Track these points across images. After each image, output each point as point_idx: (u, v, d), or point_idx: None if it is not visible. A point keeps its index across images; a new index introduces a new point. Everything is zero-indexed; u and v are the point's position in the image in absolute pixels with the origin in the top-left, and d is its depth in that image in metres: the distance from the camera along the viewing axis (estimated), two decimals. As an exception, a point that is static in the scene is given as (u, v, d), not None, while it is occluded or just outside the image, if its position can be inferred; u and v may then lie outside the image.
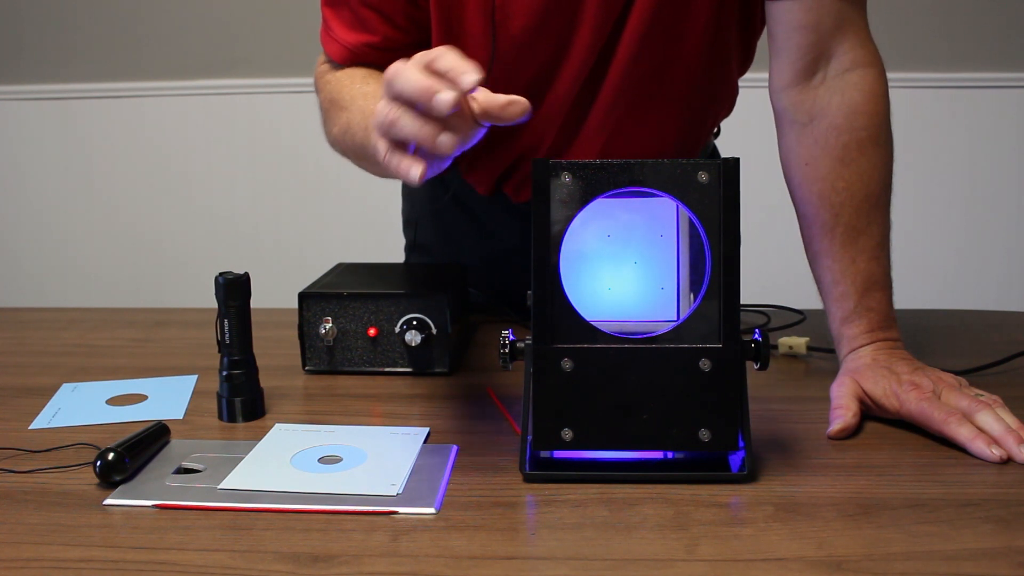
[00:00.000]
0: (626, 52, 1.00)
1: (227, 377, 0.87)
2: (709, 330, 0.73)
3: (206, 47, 2.54)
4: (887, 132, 0.94)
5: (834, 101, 0.93)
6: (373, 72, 1.01)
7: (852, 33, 0.93)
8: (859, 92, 0.93)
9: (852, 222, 0.91)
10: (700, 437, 0.73)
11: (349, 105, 0.95)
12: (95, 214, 2.65)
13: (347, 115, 0.95)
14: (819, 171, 0.93)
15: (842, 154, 0.92)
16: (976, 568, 0.60)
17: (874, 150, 0.92)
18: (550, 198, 0.73)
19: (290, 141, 2.57)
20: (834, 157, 0.92)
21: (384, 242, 1.62)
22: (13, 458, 0.79)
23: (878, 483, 0.72)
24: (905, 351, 0.91)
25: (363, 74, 1.01)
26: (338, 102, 0.98)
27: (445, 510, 0.69)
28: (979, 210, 2.51)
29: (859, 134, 0.92)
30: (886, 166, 0.94)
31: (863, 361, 0.89)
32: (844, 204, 0.91)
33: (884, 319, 0.92)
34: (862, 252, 0.92)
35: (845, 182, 0.91)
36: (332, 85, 1.02)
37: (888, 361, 0.88)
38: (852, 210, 0.91)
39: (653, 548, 0.63)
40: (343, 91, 0.99)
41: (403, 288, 1.01)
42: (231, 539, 0.64)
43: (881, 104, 0.93)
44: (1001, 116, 2.45)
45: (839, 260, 0.92)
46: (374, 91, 0.93)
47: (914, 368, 0.87)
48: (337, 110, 0.98)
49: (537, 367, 0.73)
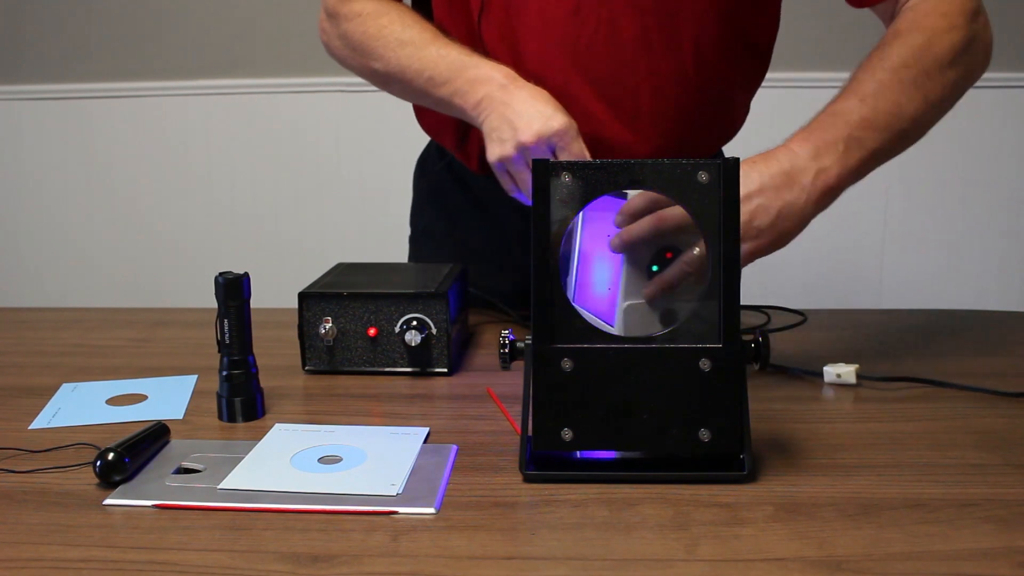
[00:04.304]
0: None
1: (227, 377, 0.87)
2: (709, 330, 0.73)
3: (205, 47, 2.54)
4: (915, 69, 0.96)
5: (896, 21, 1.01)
6: (404, 17, 1.13)
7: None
8: (904, 20, 0.99)
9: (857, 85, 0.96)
10: (700, 437, 0.73)
11: (401, 48, 1.10)
12: (95, 214, 2.65)
13: (405, 56, 1.10)
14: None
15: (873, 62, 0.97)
16: (976, 568, 0.60)
17: (890, 76, 0.95)
18: (550, 198, 0.73)
19: (290, 141, 2.57)
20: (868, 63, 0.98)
21: (384, 242, 1.63)
22: (13, 458, 0.79)
23: (878, 483, 0.72)
24: (773, 163, 0.92)
25: (399, 17, 1.13)
26: (386, 40, 1.12)
27: (445, 510, 0.69)
28: (979, 210, 2.51)
29: (890, 55, 0.96)
30: (910, 101, 0.96)
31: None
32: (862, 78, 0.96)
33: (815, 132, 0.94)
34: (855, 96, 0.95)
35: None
36: (370, 22, 1.14)
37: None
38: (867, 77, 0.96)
39: (653, 548, 0.63)
40: (386, 32, 1.12)
41: (403, 288, 1.01)
42: (231, 539, 0.64)
43: (914, 37, 0.97)
44: (1001, 116, 2.44)
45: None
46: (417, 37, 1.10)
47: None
48: (384, 47, 1.12)
49: (537, 367, 0.73)
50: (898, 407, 0.90)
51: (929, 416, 0.87)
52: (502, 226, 1.27)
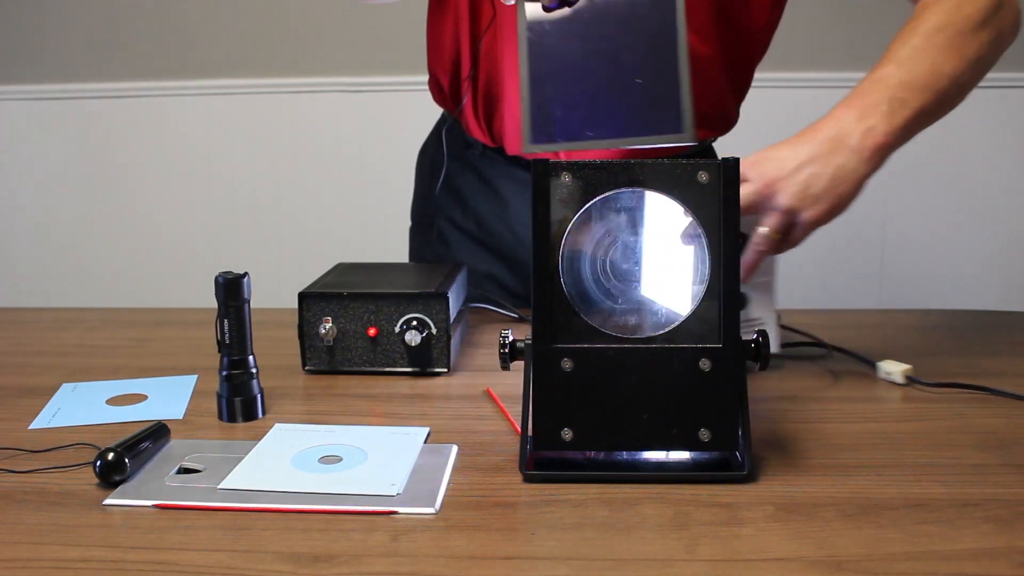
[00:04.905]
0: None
1: (227, 377, 0.87)
2: (709, 330, 0.73)
3: (206, 47, 2.54)
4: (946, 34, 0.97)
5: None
6: None
7: None
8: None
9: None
10: (700, 437, 0.73)
11: None
12: (95, 214, 2.65)
13: None
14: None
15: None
16: (976, 568, 0.60)
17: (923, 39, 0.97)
18: (550, 198, 0.73)
19: (290, 141, 2.57)
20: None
21: (384, 242, 1.63)
22: (13, 458, 0.79)
23: (878, 483, 0.72)
24: (823, 126, 0.93)
25: None
26: None
27: (445, 510, 0.69)
28: (979, 210, 2.51)
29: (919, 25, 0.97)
30: (947, 61, 0.96)
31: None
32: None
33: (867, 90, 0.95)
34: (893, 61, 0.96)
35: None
36: None
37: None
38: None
39: (653, 548, 0.63)
40: None
41: (403, 288, 1.01)
42: (231, 539, 0.64)
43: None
44: (1001, 116, 2.44)
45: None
46: None
47: (756, 160, 0.92)
48: None
49: (537, 367, 0.73)
50: (898, 407, 0.90)
51: (929, 416, 0.87)
52: (505, 199, 1.29)
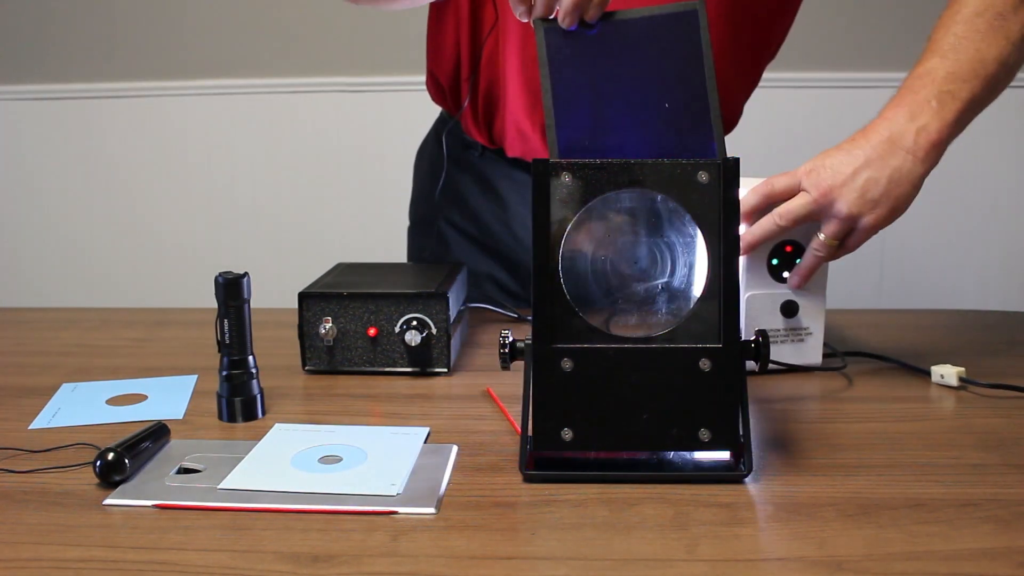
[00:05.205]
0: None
1: (227, 377, 0.87)
2: (708, 330, 0.73)
3: (206, 47, 2.54)
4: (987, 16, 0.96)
5: None
6: None
7: None
8: None
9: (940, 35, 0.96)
10: (700, 437, 0.73)
11: None
12: (95, 214, 2.65)
13: None
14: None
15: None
16: (976, 568, 0.60)
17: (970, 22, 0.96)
18: (550, 198, 0.73)
19: (290, 141, 2.57)
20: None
21: (384, 242, 1.63)
22: (13, 458, 0.79)
23: (878, 483, 0.72)
24: (874, 133, 0.93)
25: None
26: None
27: (445, 510, 0.69)
28: (979, 210, 2.51)
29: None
30: (991, 45, 0.96)
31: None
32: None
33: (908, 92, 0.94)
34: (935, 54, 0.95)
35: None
36: None
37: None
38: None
39: (653, 548, 0.63)
40: None
41: (403, 288, 1.01)
42: (231, 539, 0.64)
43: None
44: (1001, 116, 2.44)
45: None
46: None
47: (811, 168, 0.92)
48: None
49: (537, 367, 0.73)
50: (898, 407, 0.90)
51: (929, 416, 0.87)
52: (504, 201, 1.29)
